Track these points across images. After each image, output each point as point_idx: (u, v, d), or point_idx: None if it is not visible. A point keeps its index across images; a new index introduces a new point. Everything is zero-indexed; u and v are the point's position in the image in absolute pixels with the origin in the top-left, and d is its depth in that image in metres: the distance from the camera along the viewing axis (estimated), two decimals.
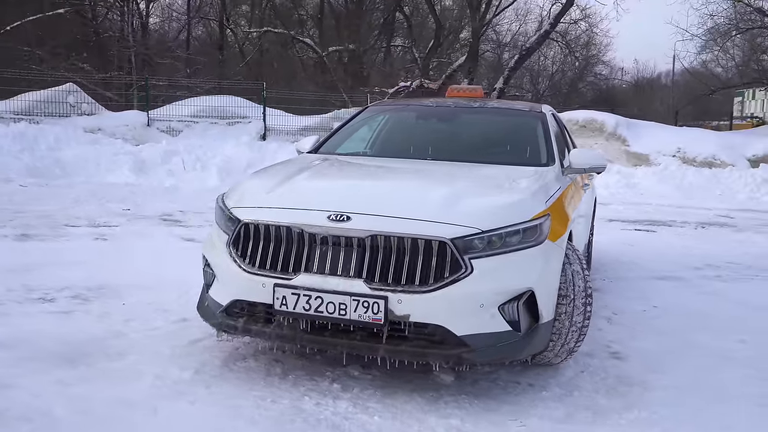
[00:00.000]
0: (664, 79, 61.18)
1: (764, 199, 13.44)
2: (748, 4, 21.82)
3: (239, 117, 15.69)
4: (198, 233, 7.89)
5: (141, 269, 5.94)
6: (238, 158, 13.56)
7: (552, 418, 3.22)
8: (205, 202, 10.56)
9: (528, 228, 3.39)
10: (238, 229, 3.52)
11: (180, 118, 15.33)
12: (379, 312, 3.19)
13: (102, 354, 3.85)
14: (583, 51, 34.50)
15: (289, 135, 15.67)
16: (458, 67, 27.56)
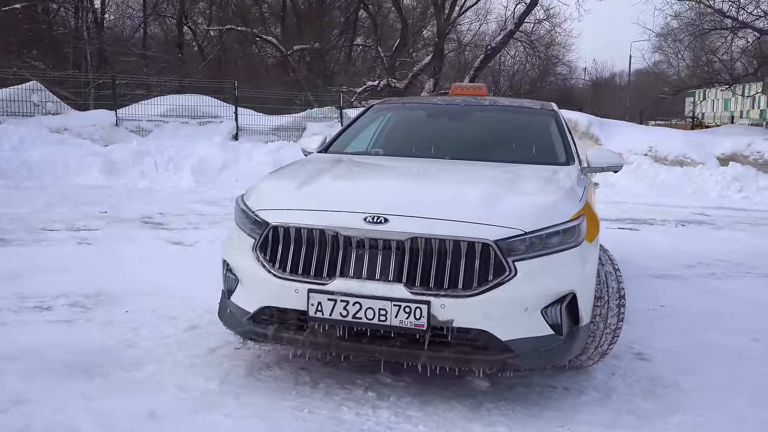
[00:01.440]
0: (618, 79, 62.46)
1: (735, 197, 13.68)
2: (709, 6, 22.26)
3: (210, 117, 15.38)
4: (184, 236, 7.67)
5: (135, 275, 5.72)
6: (212, 159, 13.27)
7: (598, 423, 3.15)
8: (183, 204, 10.32)
9: (567, 229, 3.31)
10: (266, 233, 3.36)
11: (149, 117, 14.94)
12: (422, 317, 3.07)
13: (116, 364, 3.66)
14: (546, 51, 34.78)
15: (262, 135, 15.41)
16: (424, 66, 27.60)
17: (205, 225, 8.55)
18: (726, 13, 22.24)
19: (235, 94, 15.53)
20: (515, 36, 27.89)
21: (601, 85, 54.45)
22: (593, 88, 52.91)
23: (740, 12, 21.58)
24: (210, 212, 9.63)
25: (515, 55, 39.77)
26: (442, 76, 29.69)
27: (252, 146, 14.24)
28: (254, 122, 15.53)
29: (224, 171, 13.11)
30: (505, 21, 28.60)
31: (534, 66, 41.88)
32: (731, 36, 23.55)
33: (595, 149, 4.71)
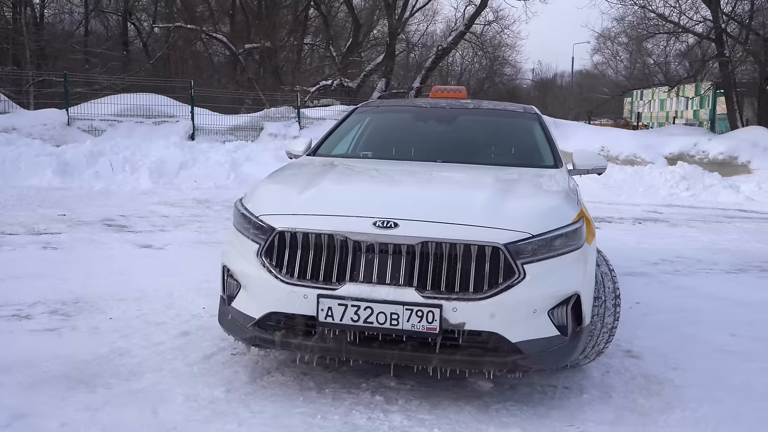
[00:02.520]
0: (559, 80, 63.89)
1: (683, 195, 14.13)
2: (651, 10, 22.95)
3: (166, 116, 15.08)
4: (152, 239, 7.52)
5: (110, 280, 5.60)
6: (169, 159, 13.01)
7: (605, 422, 3.23)
8: (143, 206, 10.11)
9: (571, 231, 3.38)
10: (272, 238, 3.33)
11: (102, 116, 14.56)
12: (434, 321, 3.10)
13: (114, 374, 3.57)
14: (494, 52, 35.26)
15: (218, 135, 15.19)
16: (376, 66, 27.65)
17: (171, 227, 8.40)
18: (668, 18, 22.97)
19: (191, 93, 15.26)
20: (465, 37, 28.20)
21: (545, 86, 55.51)
22: (538, 89, 53.91)
23: (681, 17, 22.31)
24: (173, 214, 9.46)
25: (464, 56, 40.16)
26: (393, 76, 29.82)
27: (209, 146, 14.03)
28: (210, 122, 15.30)
29: (182, 172, 12.87)
30: (455, 22, 28.85)
31: (481, 66, 42.47)
32: (673, 39, 24.31)
33: (581, 151, 4.81)
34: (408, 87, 28.57)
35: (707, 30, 22.14)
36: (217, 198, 11.37)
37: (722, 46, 21.47)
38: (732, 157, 15.10)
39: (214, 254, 6.81)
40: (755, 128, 18.71)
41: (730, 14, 22.10)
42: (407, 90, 27.85)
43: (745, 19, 21.75)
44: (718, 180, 14.24)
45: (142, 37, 34.37)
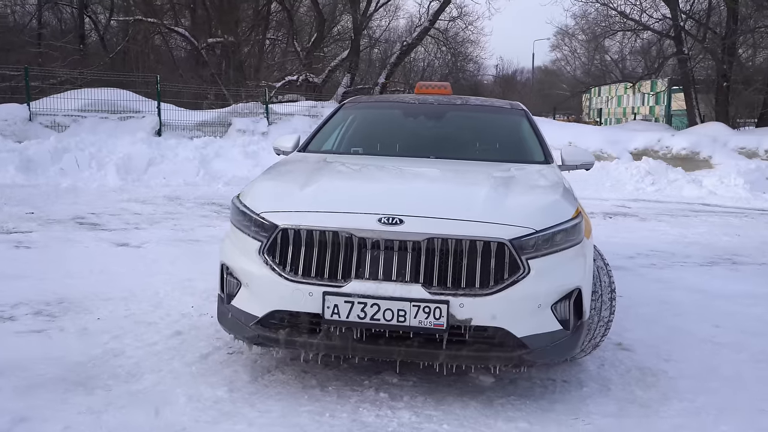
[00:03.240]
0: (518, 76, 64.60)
1: (648, 189, 14.41)
2: (613, 8, 23.31)
3: (131, 111, 14.80)
4: (127, 237, 7.38)
5: (91, 279, 5.49)
6: (136, 155, 12.78)
7: (608, 414, 3.28)
8: (114, 203, 9.93)
9: (571, 226, 3.42)
10: (275, 236, 3.30)
11: (66, 112, 14.22)
12: (441, 317, 3.11)
13: (111, 375, 3.50)
14: (458, 48, 35.44)
15: (185, 131, 14.97)
16: (340, 61, 27.55)
17: (145, 225, 8.26)
18: (628, 15, 23.37)
19: (158, 88, 15.01)
20: (430, 33, 28.29)
21: (507, 82, 56.05)
22: (500, 85, 54.37)
23: (642, 15, 22.71)
24: (146, 211, 9.30)
25: (429, 51, 40.22)
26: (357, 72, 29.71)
27: (177, 142, 13.82)
28: (177, 117, 15.07)
29: (150, 168, 12.66)
30: (420, 18, 28.90)
31: (444, 62, 42.65)
32: (634, 37, 24.75)
33: (570, 147, 4.87)
34: (373, 83, 28.54)
35: (667, 28, 22.57)
36: (188, 195, 11.21)
37: (681, 43, 21.92)
38: (694, 152, 15.45)
39: (194, 252, 6.78)
40: (714, 124, 19.15)
41: (689, 12, 22.58)
42: (372, 86, 27.82)
43: (702, 18, 22.25)
44: (682, 175, 14.55)
45: (99, 30, 33.59)
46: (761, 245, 8.51)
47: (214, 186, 12.41)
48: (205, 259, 6.42)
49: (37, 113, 14.00)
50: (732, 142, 15.79)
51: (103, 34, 33.24)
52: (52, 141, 12.64)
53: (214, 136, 14.92)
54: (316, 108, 17.17)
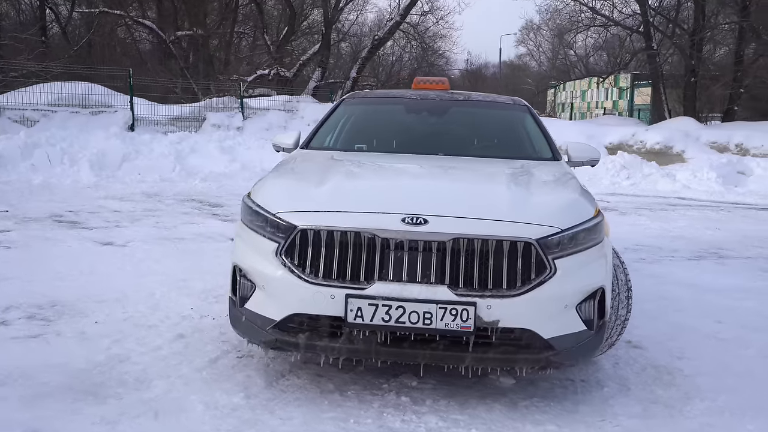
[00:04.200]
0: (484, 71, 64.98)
1: (624, 183, 14.54)
2: (584, 3, 23.51)
3: (103, 106, 14.43)
4: (110, 236, 7.17)
5: (81, 280, 5.31)
6: (110, 151, 12.47)
7: (634, 415, 3.24)
8: (90, 200, 9.67)
9: (594, 225, 3.38)
10: (293, 236, 3.19)
11: (35, 106, 13.81)
12: (469, 319, 3.03)
13: (119, 383, 3.36)
14: (432, 43, 35.43)
15: (159, 125, 14.66)
16: (312, 55, 27.32)
17: (126, 223, 8.04)
18: (599, 11, 23.59)
19: (131, 82, 14.67)
20: (401, 27, 28.20)
21: (476, 77, 56.30)
22: (468, 79, 54.58)
23: (613, 11, 22.95)
24: (125, 209, 9.07)
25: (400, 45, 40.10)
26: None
27: (151, 137, 13.53)
28: (150, 112, 14.74)
29: (125, 164, 12.37)
30: (390, 12, 28.79)
31: (413, 57, 42.62)
32: (604, 33, 24.99)
33: (576, 143, 4.83)
34: (344, 77, 28.37)
35: (637, 24, 22.84)
36: (167, 191, 10.97)
37: (650, 39, 22.20)
38: (667, 146, 15.63)
39: (181, 251, 6.60)
40: (683, 119, 19.44)
41: (657, 9, 22.88)
42: (344, 80, 27.65)
43: (671, 14, 22.56)
44: (656, 169, 14.71)
45: (61, 22, 32.72)
46: (743, 239, 8.61)
47: (191, 182, 12.18)
48: (193, 257, 6.28)
49: (4, 107, 13.57)
50: (703, 136, 16.02)
51: (66, 27, 32.41)
52: (21, 136, 12.26)
53: (188, 131, 14.64)
54: (291, 102, 16.98)
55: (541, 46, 56.05)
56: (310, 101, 18.19)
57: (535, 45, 57.45)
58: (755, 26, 20.78)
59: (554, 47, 48.95)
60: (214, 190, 11.54)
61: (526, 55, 61.36)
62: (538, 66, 58.63)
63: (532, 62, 60.70)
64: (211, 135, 14.37)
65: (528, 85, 54.11)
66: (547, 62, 54.46)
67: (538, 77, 56.01)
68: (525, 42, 58.61)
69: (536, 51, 58.17)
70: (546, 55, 54.48)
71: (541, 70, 56.48)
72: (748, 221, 10.35)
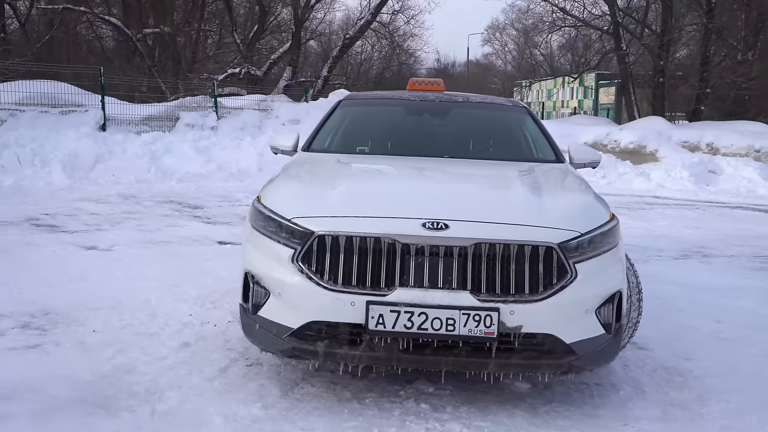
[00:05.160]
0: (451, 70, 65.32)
1: (600, 182, 14.65)
2: (554, 4, 23.72)
3: (73, 105, 14.09)
4: (92, 240, 6.99)
5: (70, 287, 5.16)
6: (83, 152, 12.18)
7: (656, 419, 3.23)
8: (66, 203, 9.44)
9: (609, 229, 3.38)
10: (311, 242, 3.12)
11: (1, 105, 13.44)
12: (492, 325, 3.00)
13: (130, 395, 3.26)
14: (401, 42, 35.45)
15: (131, 125, 14.37)
16: (282, 54, 27.10)
17: (107, 226, 7.86)
18: (569, 12, 23.82)
19: (101, 81, 14.36)
20: (372, 26, 28.14)
21: (444, 76, 56.50)
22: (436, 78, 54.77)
23: (584, 12, 23.20)
24: (103, 211, 8.86)
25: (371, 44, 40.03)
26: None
27: (124, 138, 13.26)
28: (121, 112, 14.44)
29: (98, 165, 12.10)
30: (361, 11, 28.73)
31: (381, 56, 42.60)
32: (573, 33, 25.25)
33: (577, 145, 4.83)
34: (315, 76, 28.22)
35: (606, 25, 23.11)
36: (143, 193, 10.76)
37: (619, 40, 22.48)
38: (641, 146, 15.84)
39: (169, 255, 6.45)
40: (653, 118, 19.72)
41: (626, 10, 23.18)
42: (315, 79, 27.51)
43: (640, 15, 22.88)
44: (631, 168, 14.90)
45: (20, 18, 31.88)
46: (723, 237, 8.75)
47: (167, 183, 11.97)
48: (182, 261, 6.15)
49: None
50: (675, 136, 16.27)
51: (25, 23, 31.61)
52: None
53: (161, 130, 14.38)
54: (266, 102, 16.79)
55: (507, 46, 56.62)
56: (285, 100, 18.02)
57: (501, 44, 58.03)
58: (719, 29, 21.19)
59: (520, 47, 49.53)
60: (192, 191, 11.36)
61: (492, 54, 61.91)
62: (504, 65, 59.20)
63: (498, 61, 61.28)
64: (185, 135, 14.14)
65: (495, 84, 54.56)
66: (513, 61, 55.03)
67: (504, 76, 56.49)
68: (491, 41, 59.15)
69: (502, 50, 58.76)
70: (512, 54, 55.06)
71: (507, 69, 57.03)
72: (724, 219, 10.53)
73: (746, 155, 15.34)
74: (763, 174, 14.56)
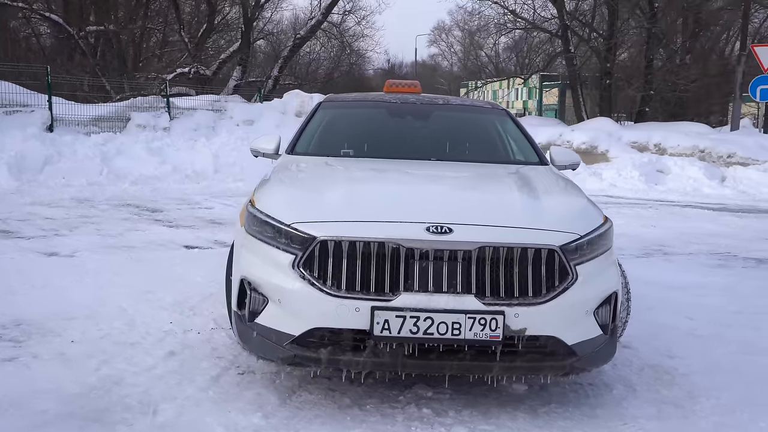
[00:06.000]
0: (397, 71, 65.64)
1: None
2: (504, 7, 24.03)
3: (18, 105, 13.58)
4: (51, 246, 6.77)
5: (35, 295, 5.00)
6: (30, 153, 11.78)
7: (652, 417, 3.28)
8: (16, 207, 9.13)
9: (605, 231, 3.42)
10: (313, 248, 3.07)
11: None
12: (497, 328, 3.00)
13: (124, 408, 3.15)
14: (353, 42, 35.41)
15: (80, 126, 13.93)
16: (232, 53, 26.72)
17: (65, 231, 7.60)
18: (519, 15, 24.17)
19: (48, 80, 13.88)
20: (322, 26, 28.02)
21: (391, 76, 56.68)
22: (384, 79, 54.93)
23: (534, 14, 23.57)
24: (58, 216, 8.58)
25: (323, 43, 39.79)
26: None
27: (73, 139, 12.86)
28: (69, 112, 13.98)
29: (47, 167, 11.73)
30: (311, 11, 28.58)
31: (329, 56, 42.48)
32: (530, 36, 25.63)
33: (557, 148, 4.89)
34: (265, 76, 27.92)
35: (554, 28, 23.53)
36: (97, 196, 10.47)
37: (568, 43, 22.93)
38: (593, 146, 16.18)
39: (136, 261, 6.27)
40: (601, 119, 20.18)
41: (574, 13, 23.65)
42: (265, 79, 27.22)
43: (587, 19, 23.38)
44: (583, 168, 15.15)
45: None
46: (680, 236, 8.98)
47: (120, 185, 11.68)
48: (150, 267, 5.99)
49: None
50: (625, 136, 16.67)
51: None
52: None
53: (112, 131, 13.99)
54: (220, 102, 16.51)
55: (452, 47, 57.22)
56: (239, 101, 17.76)
57: (447, 45, 58.62)
58: (660, 33, 21.83)
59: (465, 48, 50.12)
60: (148, 194, 11.09)
61: (438, 55, 62.49)
62: (450, 66, 59.80)
63: (445, 62, 61.87)
64: (137, 136, 13.81)
65: (441, 84, 55.00)
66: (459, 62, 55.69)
67: (450, 77, 57.03)
68: (437, 42, 59.70)
69: (448, 51, 59.38)
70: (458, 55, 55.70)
71: (453, 70, 57.62)
72: (677, 218, 10.82)
73: (692, 155, 15.83)
74: (707, 173, 15.04)
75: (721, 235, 9.13)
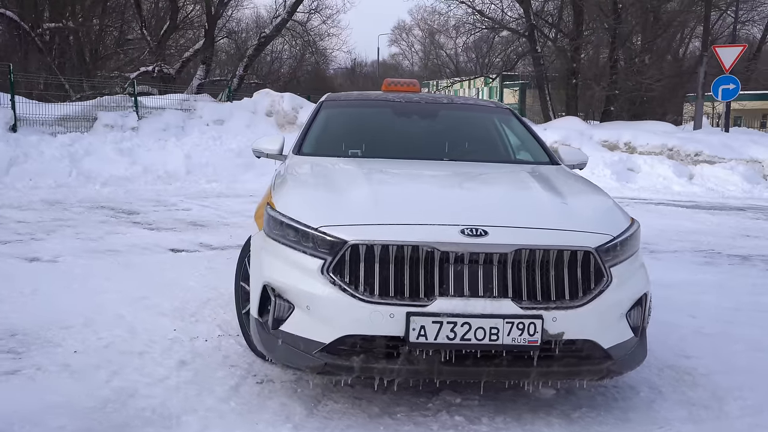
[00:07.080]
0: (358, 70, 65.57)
1: None
2: (471, 6, 24.09)
3: None
4: (30, 251, 6.49)
5: (24, 302, 4.77)
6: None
7: (685, 420, 3.25)
8: None
9: (634, 232, 3.38)
10: (344, 252, 2.95)
11: None
12: (536, 333, 2.93)
13: (145, 422, 2.99)
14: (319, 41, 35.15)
15: (45, 126, 13.49)
16: (195, 52, 26.26)
17: (42, 234, 7.31)
18: (486, 14, 24.27)
19: (11, 78, 13.41)
20: (287, 25, 27.72)
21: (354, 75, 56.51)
22: (347, 78, 54.70)
23: (502, 15, 23.68)
24: (31, 219, 8.26)
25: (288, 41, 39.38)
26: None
27: (39, 139, 12.44)
28: (33, 111, 13.52)
29: (13, 169, 11.31)
30: (276, 9, 28.24)
31: (292, 55, 42.16)
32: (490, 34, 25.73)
33: (565, 147, 4.85)
34: (231, 75, 27.52)
35: (521, 27, 23.67)
36: (69, 198, 10.13)
37: (534, 42, 23.09)
38: (565, 145, 16.29)
39: (123, 265, 6.05)
40: (570, 118, 20.37)
41: (540, 13, 23.83)
42: (230, 78, 26.83)
43: (554, 19, 23.58)
44: None
45: None
46: (660, 233, 9.06)
47: (91, 187, 11.34)
48: (140, 272, 5.80)
49: None
50: (596, 135, 16.85)
51: None
52: None
53: (79, 131, 13.58)
54: (189, 102, 16.17)
55: (413, 46, 57.40)
56: (208, 100, 17.44)
57: (408, 45, 58.77)
58: (624, 34, 22.13)
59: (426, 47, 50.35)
60: (121, 195, 10.79)
61: (399, 55, 62.56)
62: (411, 65, 59.95)
63: (405, 61, 61.97)
64: (105, 136, 13.43)
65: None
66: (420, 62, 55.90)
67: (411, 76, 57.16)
68: (398, 42, 59.80)
69: (409, 51, 59.55)
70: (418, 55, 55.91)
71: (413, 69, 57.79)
72: (653, 215, 10.93)
73: (660, 153, 16.07)
74: (676, 171, 15.30)
75: (700, 232, 9.25)
